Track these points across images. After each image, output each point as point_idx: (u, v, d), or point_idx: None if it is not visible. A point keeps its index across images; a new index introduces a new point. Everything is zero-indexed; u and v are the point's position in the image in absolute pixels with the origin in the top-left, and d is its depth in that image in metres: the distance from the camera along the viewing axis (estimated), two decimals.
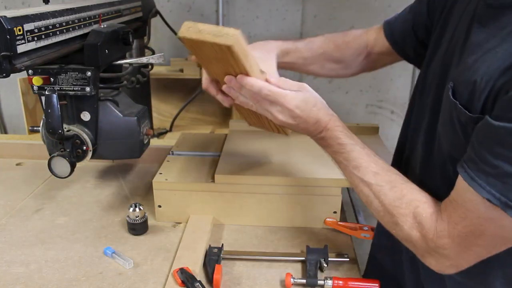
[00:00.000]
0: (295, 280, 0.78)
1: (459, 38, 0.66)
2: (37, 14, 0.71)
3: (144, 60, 0.93)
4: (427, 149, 0.72)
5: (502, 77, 0.54)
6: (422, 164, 0.74)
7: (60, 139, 0.85)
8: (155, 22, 1.34)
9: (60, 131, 0.81)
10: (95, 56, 0.82)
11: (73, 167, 0.84)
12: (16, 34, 0.65)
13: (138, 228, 0.92)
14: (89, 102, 0.86)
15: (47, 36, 0.73)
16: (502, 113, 0.53)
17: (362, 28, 1.54)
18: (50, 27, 0.74)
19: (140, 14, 1.19)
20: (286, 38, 0.96)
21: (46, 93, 0.79)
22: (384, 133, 1.33)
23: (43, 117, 0.81)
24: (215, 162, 1.00)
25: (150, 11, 1.24)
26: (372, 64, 0.97)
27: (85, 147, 0.87)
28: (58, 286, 0.77)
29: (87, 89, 0.83)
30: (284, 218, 0.95)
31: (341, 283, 0.77)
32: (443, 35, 0.73)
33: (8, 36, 0.64)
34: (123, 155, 0.94)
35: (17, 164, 1.26)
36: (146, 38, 1.26)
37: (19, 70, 0.67)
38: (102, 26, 0.89)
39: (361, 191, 0.70)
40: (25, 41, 0.67)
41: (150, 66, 1.27)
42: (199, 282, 0.74)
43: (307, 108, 0.72)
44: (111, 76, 0.92)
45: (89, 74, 0.82)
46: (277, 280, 0.80)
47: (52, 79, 0.82)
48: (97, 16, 0.90)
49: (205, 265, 0.81)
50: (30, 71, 0.80)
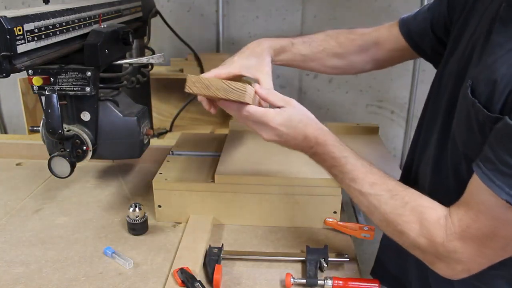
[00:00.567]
0: (295, 280, 0.78)
1: (480, 38, 0.65)
2: (37, 14, 0.71)
3: (144, 60, 0.93)
4: (440, 149, 0.71)
5: None
6: (434, 164, 0.73)
7: (60, 139, 0.85)
8: (155, 22, 1.34)
9: (60, 131, 0.81)
10: (95, 56, 0.82)
11: (73, 167, 0.84)
12: (16, 34, 0.65)
13: (138, 228, 0.92)
14: (89, 102, 0.86)
15: (47, 36, 0.73)
16: None
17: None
18: (50, 27, 0.74)
19: (140, 14, 1.19)
20: (285, 35, 0.95)
21: (46, 93, 0.79)
22: (384, 133, 1.33)
23: (43, 117, 0.81)
24: (215, 162, 1.00)
25: (150, 11, 1.24)
26: (380, 61, 0.94)
27: (85, 147, 0.87)
28: (58, 286, 0.77)
29: (87, 89, 0.83)
30: (284, 218, 0.95)
31: (341, 283, 0.77)
32: (462, 35, 0.72)
33: (8, 36, 0.64)
34: (123, 155, 0.94)
35: (17, 164, 1.26)
36: (146, 38, 1.26)
37: (19, 70, 0.67)
38: (102, 26, 0.89)
39: (361, 203, 0.69)
40: (25, 41, 0.67)
41: (150, 66, 1.27)
42: (199, 282, 0.74)
43: (292, 125, 0.71)
44: (111, 76, 0.92)
45: (89, 74, 0.82)
46: (277, 280, 0.80)
47: (52, 79, 0.82)
48: (97, 16, 0.90)
49: (205, 265, 0.81)
50: (30, 71, 0.80)
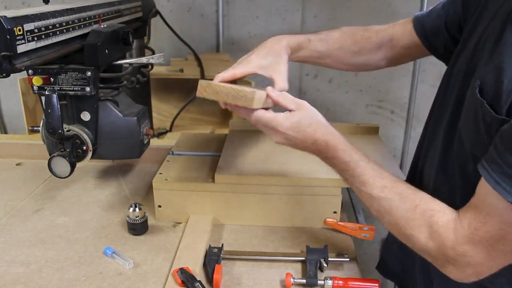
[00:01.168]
0: (295, 280, 0.78)
1: (490, 37, 0.64)
2: (37, 14, 0.71)
3: (144, 60, 0.93)
4: (446, 147, 0.72)
5: None
6: (439, 162, 0.73)
7: (60, 139, 0.85)
8: (155, 22, 1.34)
9: (60, 131, 0.81)
10: (95, 56, 0.82)
11: (73, 167, 0.84)
12: (16, 34, 0.65)
13: (138, 228, 0.92)
14: (89, 102, 0.86)
15: (47, 36, 0.73)
16: None
17: None
18: (50, 27, 0.74)
19: (140, 14, 1.19)
20: (301, 32, 0.95)
21: (46, 93, 0.79)
22: (384, 133, 1.33)
23: (43, 117, 0.81)
24: (215, 162, 1.00)
25: (150, 11, 1.24)
26: (395, 58, 0.95)
27: (85, 147, 0.87)
28: (58, 286, 0.77)
29: (87, 89, 0.83)
30: (284, 218, 0.95)
31: (341, 283, 0.77)
32: (473, 33, 0.71)
33: (8, 36, 0.64)
34: (123, 155, 0.94)
35: (17, 164, 1.26)
36: (146, 38, 1.26)
37: (19, 70, 0.67)
38: (102, 26, 0.89)
39: (371, 206, 0.69)
40: (25, 41, 0.67)
41: (150, 66, 1.27)
42: (199, 282, 0.74)
43: (301, 129, 0.72)
44: (111, 76, 0.92)
45: (89, 74, 0.82)
46: (277, 280, 0.80)
47: (52, 79, 0.82)
48: (97, 16, 0.90)
49: (205, 265, 0.81)
50: (30, 71, 0.80)
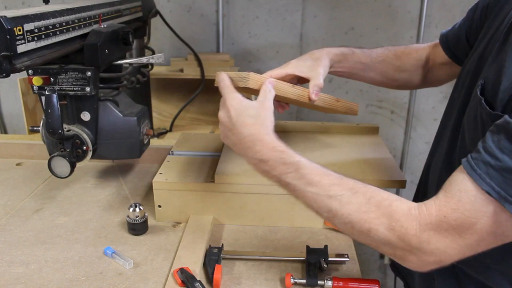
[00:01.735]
0: (295, 280, 0.78)
1: (498, 39, 0.65)
2: (37, 14, 0.71)
3: (144, 60, 0.93)
4: (452, 145, 0.72)
5: None
6: (445, 160, 0.74)
7: (60, 139, 0.85)
8: (155, 22, 1.34)
9: (60, 131, 0.81)
10: (95, 56, 0.82)
11: (73, 167, 0.84)
12: (16, 34, 0.65)
13: (138, 228, 0.92)
14: (89, 102, 0.86)
15: (47, 36, 0.73)
16: None
17: (362, 28, 1.55)
18: (50, 27, 0.74)
19: (140, 14, 1.19)
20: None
21: (46, 93, 0.79)
22: (384, 133, 1.33)
23: (43, 117, 0.81)
24: (215, 162, 1.00)
25: (150, 11, 1.24)
26: (434, 77, 0.97)
27: (85, 147, 0.87)
28: (58, 286, 0.77)
29: (87, 89, 0.83)
30: (284, 218, 0.95)
31: (341, 283, 0.77)
32: (484, 37, 0.73)
33: (8, 36, 0.64)
34: (123, 155, 0.95)
35: (17, 164, 1.26)
36: (146, 38, 1.26)
37: (19, 70, 0.67)
38: (102, 26, 0.89)
39: (320, 208, 0.64)
40: (25, 41, 0.67)
41: (150, 66, 1.27)
42: (199, 282, 0.74)
43: (242, 113, 0.68)
44: (111, 76, 0.92)
45: (89, 74, 0.82)
46: (277, 280, 0.80)
47: (52, 79, 0.82)
48: (97, 16, 0.90)
49: (205, 265, 0.81)
50: (30, 71, 0.81)
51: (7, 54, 0.64)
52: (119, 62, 0.91)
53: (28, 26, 0.68)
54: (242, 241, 0.92)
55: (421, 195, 0.87)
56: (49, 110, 0.79)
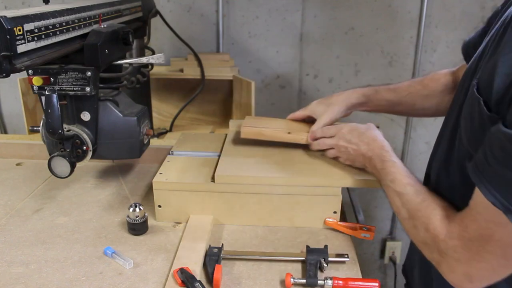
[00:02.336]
0: (295, 280, 0.78)
1: (495, 39, 0.66)
2: (37, 14, 0.71)
3: (144, 60, 0.93)
4: (450, 144, 0.74)
5: None
6: (443, 159, 0.76)
7: (60, 139, 0.85)
8: (155, 22, 1.34)
9: (60, 131, 0.81)
10: (95, 56, 0.82)
11: (73, 167, 0.84)
12: (16, 34, 0.65)
13: (138, 228, 0.92)
14: (89, 102, 0.86)
15: (47, 36, 0.73)
16: (510, 118, 0.53)
17: (361, 28, 1.55)
18: (50, 27, 0.74)
19: (140, 14, 1.19)
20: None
21: (46, 93, 0.79)
22: (384, 133, 1.32)
23: (43, 117, 0.81)
24: (215, 162, 1.00)
25: (150, 11, 1.24)
26: None
27: (85, 147, 0.87)
28: (58, 286, 0.77)
29: (87, 89, 0.83)
30: (284, 218, 0.95)
31: (341, 283, 0.77)
32: (485, 38, 0.74)
33: (8, 36, 0.64)
34: (123, 155, 0.95)
35: (17, 164, 1.26)
36: (146, 38, 1.26)
37: (19, 70, 0.67)
38: (102, 26, 0.89)
39: (393, 202, 0.77)
40: (25, 41, 0.67)
41: (150, 66, 1.27)
42: (199, 282, 0.74)
43: (358, 130, 0.92)
44: (111, 76, 0.92)
45: (89, 74, 0.82)
46: (277, 280, 0.80)
47: (52, 79, 0.82)
48: (97, 16, 0.90)
49: (205, 265, 0.81)
50: (30, 71, 0.80)
51: (7, 54, 0.64)
52: (119, 62, 0.91)
53: (28, 26, 0.68)
54: (242, 241, 0.92)
55: None
56: (49, 110, 0.79)
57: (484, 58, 0.68)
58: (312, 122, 1.04)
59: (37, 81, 0.80)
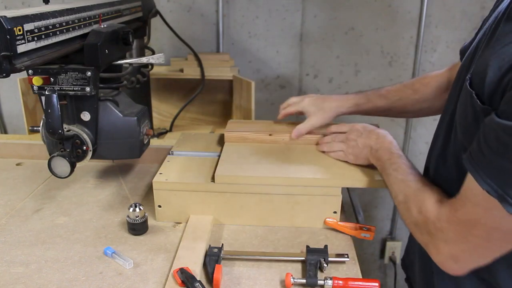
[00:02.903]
0: (295, 280, 0.78)
1: (488, 34, 0.68)
2: (37, 14, 0.71)
3: (144, 60, 0.93)
4: (447, 138, 0.76)
5: (510, 72, 0.56)
6: (440, 152, 0.78)
7: (60, 139, 0.85)
8: (155, 22, 1.34)
9: (60, 131, 0.81)
10: (95, 56, 0.82)
11: (73, 167, 0.84)
12: (16, 34, 0.65)
13: (138, 228, 0.92)
14: (89, 102, 0.86)
15: (47, 36, 0.73)
16: (503, 108, 0.55)
17: (361, 28, 1.55)
18: (50, 27, 0.74)
19: (140, 14, 1.19)
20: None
21: (46, 93, 0.79)
22: None
23: (43, 117, 0.81)
24: (215, 162, 1.00)
25: (150, 11, 1.24)
26: None
27: (85, 147, 0.87)
28: (58, 286, 0.77)
29: (87, 89, 0.83)
30: (284, 218, 0.95)
31: (341, 283, 0.77)
32: (479, 34, 0.76)
33: (8, 36, 0.64)
34: (123, 155, 0.95)
35: (17, 164, 1.26)
36: (146, 38, 1.26)
37: (19, 70, 0.67)
38: (102, 26, 0.89)
39: (393, 188, 0.80)
40: (25, 41, 0.67)
41: (150, 66, 1.27)
42: (199, 282, 0.74)
43: (367, 126, 0.97)
44: (111, 76, 0.92)
45: (89, 74, 0.82)
46: (277, 280, 0.80)
47: (52, 79, 0.82)
48: (97, 16, 0.90)
49: (205, 265, 0.81)
50: (30, 71, 0.80)
51: (7, 54, 0.64)
52: (119, 62, 0.91)
53: (28, 26, 0.68)
54: (242, 241, 0.92)
55: None
56: (49, 110, 0.79)
57: (477, 53, 0.70)
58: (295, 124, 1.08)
59: (37, 81, 0.80)
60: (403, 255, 1.02)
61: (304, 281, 0.78)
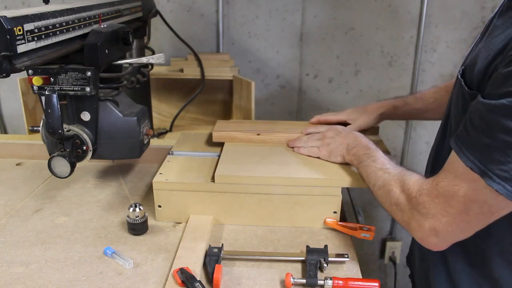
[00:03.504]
0: (295, 280, 0.78)
1: (485, 30, 0.71)
2: (37, 14, 0.71)
3: (144, 60, 0.93)
4: (444, 130, 0.79)
5: (497, 58, 0.60)
6: (438, 144, 0.81)
7: (60, 139, 0.85)
8: (155, 22, 1.34)
9: (60, 131, 0.81)
10: (95, 56, 0.82)
11: (73, 167, 0.84)
12: (16, 34, 0.65)
13: (138, 228, 0.92)
14: (89, 102, 0.86)
15: (47, 36, 0.73)
16: (489, 90, 0.59)
17: (361, 28, 1.55)
18: (50, 27, 0.74)
19: (140, 14, 1.19)
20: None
21: (46, 93, 0.79)
22: (384, 133, 1.33)
23: (43, 117, 0.81)
24: (215, 162, 1.00)
25: (150, 11, 1.24)
26: None
27: (85, 147, 0.87)
28: (58, 286, 0.77)
29: (87, 89, 0.83)
30: (284, 218, 0.95)
31: (341, 283, 0.77)
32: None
33: (8, 36, 0.64)
34: (123, 155, 0.94)
35: (17, 164, 1.26)
36: (146, 38, 1.26)
37: (19, 70, 0.67)
38: (102, 26, 0.89)
39: (370, 177, 0.83)
40: (25, 41, 0.67)
41: (150, 66, 1.27)
42: (199, 282, 0.74)
43: (345, 129, 1.02)
44: (111, 76, 0.92)
45: (89, 74, 0.82)
46: (277, 280, 0.80)
47: (52, 79, 0.82)
48: (97, 16, 0.90)
49: (205, 265, 0.81)
50: (30, 71, 0.80)
51: (7, 54, 0.64)
52: (119, 62, 0.91)
53: (28, 26, 0.68)
54: (242, 241, 0.92)
55: None
56: (49, 110, 0.79)
57: (473, 49, 0.73)
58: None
59: (37, 81, 0.80)
60: (408, 252, 1.03)
61: (304, 281, 0.78)
